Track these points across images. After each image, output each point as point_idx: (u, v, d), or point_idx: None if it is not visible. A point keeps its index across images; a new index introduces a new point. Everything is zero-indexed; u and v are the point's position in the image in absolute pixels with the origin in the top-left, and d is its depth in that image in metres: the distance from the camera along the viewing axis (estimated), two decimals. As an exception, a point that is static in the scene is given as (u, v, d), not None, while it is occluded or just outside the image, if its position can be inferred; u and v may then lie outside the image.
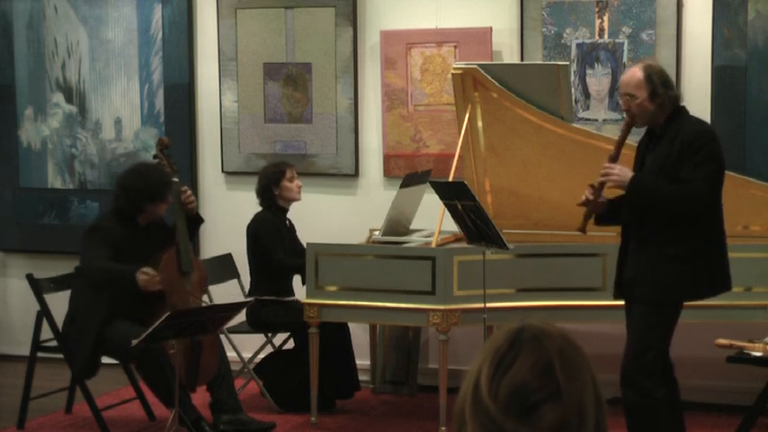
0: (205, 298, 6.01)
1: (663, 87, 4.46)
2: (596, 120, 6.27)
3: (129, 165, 6.10)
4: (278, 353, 6.46)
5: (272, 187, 6.14)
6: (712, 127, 4.68)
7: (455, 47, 6.44)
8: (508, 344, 1.62)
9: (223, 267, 6.53)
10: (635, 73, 4.51)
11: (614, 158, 4.58)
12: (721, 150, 4.50)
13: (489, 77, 5.71)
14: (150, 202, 5.45)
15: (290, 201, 6.22)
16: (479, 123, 5.88)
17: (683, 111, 4.55)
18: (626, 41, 6.19)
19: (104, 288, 5.37)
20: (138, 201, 5.45)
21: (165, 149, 5.63)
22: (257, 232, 6.10)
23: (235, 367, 6.14)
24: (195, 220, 5.74)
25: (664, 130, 4.49)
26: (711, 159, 4.42)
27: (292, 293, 6.22)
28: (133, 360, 5.49)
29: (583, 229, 4.68)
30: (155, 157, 5.66)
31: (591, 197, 4.57)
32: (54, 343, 5.75)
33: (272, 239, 6.07)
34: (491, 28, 6.36)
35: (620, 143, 4.64)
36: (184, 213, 5.58)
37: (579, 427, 1.59)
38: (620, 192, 4.59)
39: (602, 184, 4.56)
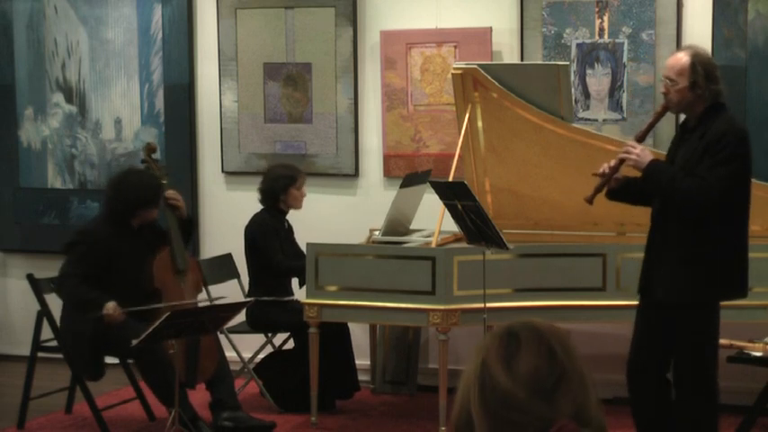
0: (204, 297, 6.02)
1: (705, 80, 4.33)
2: (596, 120, 6.27)
3: (120, 170, 6.09)
4: (278, 353, 6.46)
5: (279, 192, 6.13)
6: (744, 127, 4.53)
7: (455, 47, 6.45)
8: (506, 339, 1.69)
9: (223, 267, 6.53)
10: (681, 58, 4.38)
11: (640, 139, 4.50)
12: (747, 152, 4.36)
13: (489, 77, 5.71)
14: (143, 208, 5.50)
15: (292, 208, 6.22)
16: (479, 123, 5.88)
17: (722, 108, 4.40)
18: (626, 41, 6.19)
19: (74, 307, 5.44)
20: (131, 207, 5.49)
21: (153, 153, 5.69)
22: (255, 234, 6.10)
23: (235, 367, 6.14)
24: (186, 224, 5.73)
25: (696, 124, 4.40)
26: (732, 161, 4.29)
27: (291, 293, 6.22)
28: (133, 357, 5.50)
29: (590, 200, 4.60)
30: (143, 161, 5.71)
31: (607, 171, 4.51)
32: (54, 343, 5.76)
33: (270, 241, 6.06)
34: (491, 28, 6.36)
35: (651, 125, 4.56)
36: (175, 213, 5.61)
37: (587, 400, 1.67)
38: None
39: (621, 161, 4.48)
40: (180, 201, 5.67)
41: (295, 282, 6.20)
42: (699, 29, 6.06)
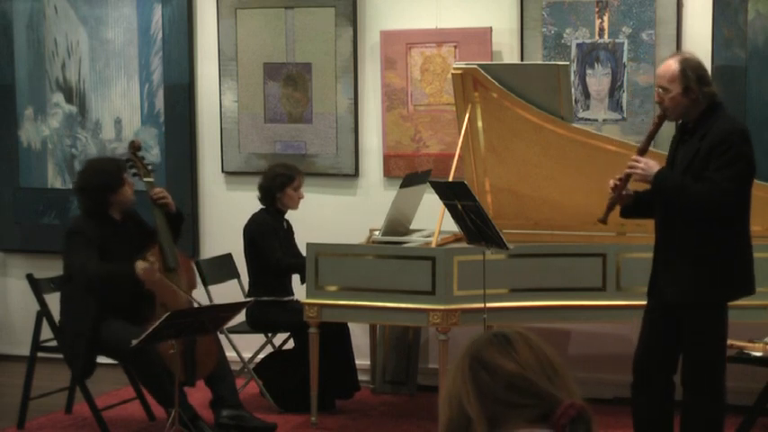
0: (204, 298, 6.02)
1: (697, 83, 4.33)
2: (596, 120, 6.27)
3: (80, 168, 6.09)
4: (278, 353, 6.46)
5: (275, 191, 6.14)
6: (745, 126, 4.52)
7: (455, 47, 6.45)
8: (495, 339, 1.80)
9: (223, 267, 6.53)
10: (670, 65, 4.39)
11: (642, 151, 4.49)
12: (751, 151, 4.37)
13: (489, 77, 5.71)
14: (111, 192, 5.51)
15: (288, 208, 6.21)
16: (479, 123, 5.88)
17: (719, 107, 4.41)
18: (626, 41, 6.19)
19: (104, 290, 5.39)
20: (99, 196, 5.50)
21: (137, 152, 5.70)
22: (253, 233, 6.10)
23: (235, 367, 6.14)
24: (176, 218, 5.73)
25: (696, 126, 4.39)
26: (739, 160, 4.30)
27: (291, 293, 6.22)
28: (129, 360, 5.47)
29: (604, 221, 4.59)
30: (127, 160, 5.71)
31: (618, 184, 4.47)
32: (54, 343, 5.76)
33: (269, 240, 6.06)
34: (491, 28, 6.36)
35: (651, 136, 4.54)
36: (163, 211, 5.60)
37: (576, 390, 1.77)
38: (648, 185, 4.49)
39: (627, 177, 4.46)
40: (167, 197, 5.66)
41: (295, 282, 6.20)
42: (699, 29, 6.06)
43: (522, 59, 6.31)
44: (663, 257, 4.48)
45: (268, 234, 6.08)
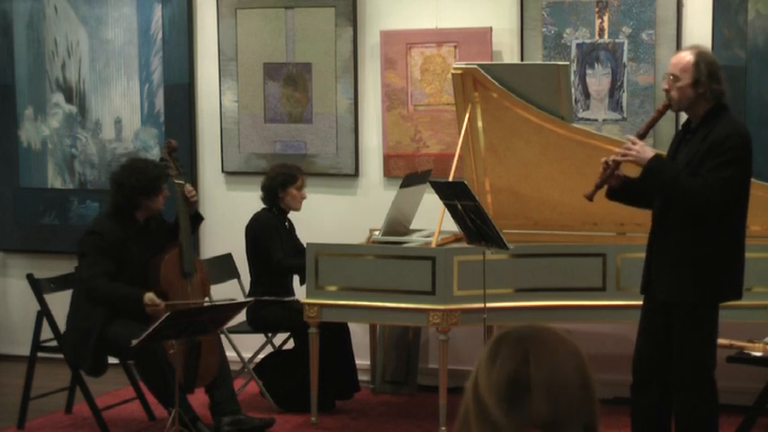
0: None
1: (708, 78, 4.34)
2: (596, 120, 6.27)
3: (123, 161, 6.07)
4: (278, 353, 6.46)
5: (278, 190, 6.14)
6: (747, 131, 4.50)
7: (455, 47, 6.45)
8: (493, 344, 1.73)
9: (223, 267, 6.53)
10: (685, 55, 4.40)
11: (641, 136, 4.50)
12: (749, 157, 4.37)
13: (489, 77, 5.71)
14: (145, 196, 5.48)
15: (291, 209, 6.21)
16: (479, 123, 5.88)
17: (725, 109, 4.41)
18: (626, 41, 6.19)
19: (103, 305, 5.39)
20: (133, 196, 5.47)
21: (174, 152, 5.64)
22: (256, 233, 6.10)
23: (235, 367, 6.14)
24: (195, 218, 5.76)
25: (699, 125, 4.40)
26: (734, 164, 4.29)
27: (292, 293, 6.22)
28: (132, 358, 5.50)
29: (590, 197, 4.58)
30: (162, 159, 5.67)
31: (611, 164, 4.47)
32: (54, 343, 5.76)
33: (271, 240, 6.06)
34: (491, 28, 6.36)
35: (652, 123, 4.56)
36: (188, 214, 5.61)
37: (558, 415, 1.66)
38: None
39: (621, 157, 4.45)
40: (196, 196, 5.71)
41: (297, 281, 6.20)
42: (699, 29, 6.06)
43: (522, 59, 6.31)
44: (657, 255, 4.48)
45: (270, 233, 6.08)
